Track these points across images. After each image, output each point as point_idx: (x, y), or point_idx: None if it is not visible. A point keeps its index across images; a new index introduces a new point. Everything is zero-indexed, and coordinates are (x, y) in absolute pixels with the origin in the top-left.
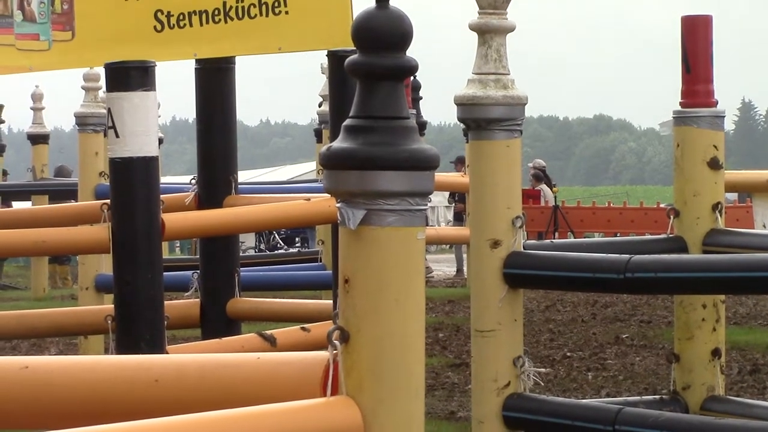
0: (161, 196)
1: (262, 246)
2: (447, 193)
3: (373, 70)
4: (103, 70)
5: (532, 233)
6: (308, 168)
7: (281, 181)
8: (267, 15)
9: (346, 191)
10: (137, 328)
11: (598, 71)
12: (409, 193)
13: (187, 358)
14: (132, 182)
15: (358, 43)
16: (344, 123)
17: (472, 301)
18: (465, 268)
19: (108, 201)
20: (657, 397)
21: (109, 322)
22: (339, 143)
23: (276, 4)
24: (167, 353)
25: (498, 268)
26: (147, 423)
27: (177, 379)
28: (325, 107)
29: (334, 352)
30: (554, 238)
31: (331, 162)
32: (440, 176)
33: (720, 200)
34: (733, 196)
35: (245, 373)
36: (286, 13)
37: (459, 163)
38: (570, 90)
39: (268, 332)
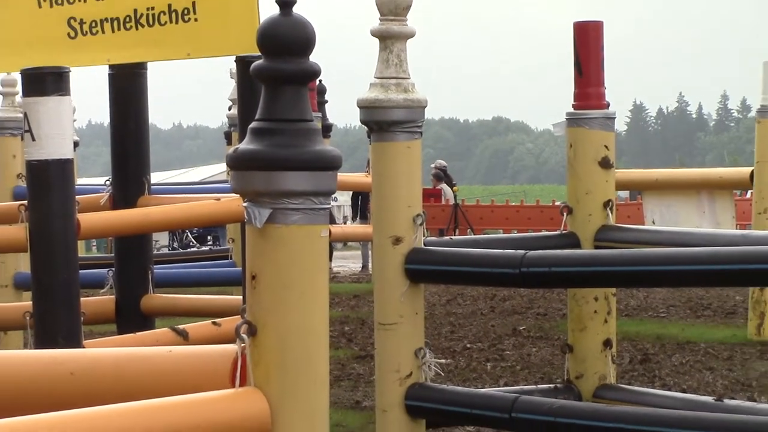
0: (77, 196)
1: (176, 244)
2: (351, 193)
3: (277, 75)
4: (20, 75)
5: (433, 230)
6: (219, 169)
7: (193, 182)
8: (177, 22)
9: (253, 191)
10: (54, 323)
11: (496, 75)
12: (312, 192)
13: (101, 351)
14: (48, 184)
15: (263, 48)
16: (250, 125)
17: (375, 295)
18: (370, 265)
19: (25, 202)
20: (552, 385)
21: (28, 318)
22: (245, 145)
23: (185, 12)
24: (84, 347)
25: (400, 263)
26: (62, 415)
27: (92, 372)
28: (234, 111)
29: (242, 345)
30: (454, 235)
31: (237, 163)
32: (344, 176)
33: (611, 198)
34: (625, 193)
35: (158, 366)
36: (195, 20)
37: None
38: (469, 93)
39: (181, 327)
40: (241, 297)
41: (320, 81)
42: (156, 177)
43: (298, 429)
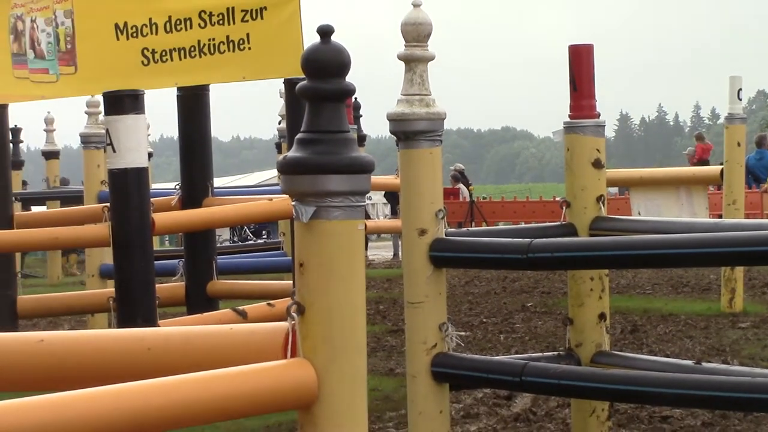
0: (151, 199)
1: (235, 238)
2: (383, 192)
3: (318, 93)
4: (102, 97)
5: (452, 223)
6: (271, 174)
7: (249, 186)
8: (234, 51)
9: (300, 192)
10: (134, 307)
11: (503, 89)
12: (350, 192)
13: (173, 329)
14: (127, 189)
15: (306, 71)
16: (296, 137)
17: (404, 279)
18: (400, 253)
19: (108, 204)
20: (555, 353)
21: (111, 302)
22: (293, 153)
23: (241, 42)
24: (159, 326)
25: (425, 251)
26: (141, 383)
27: (165, 347)
28: (283, 124)
29: (293, 322)
30: (470, 227)
31: (286, 168)
32: (377, 178)
33: (603, 193)
34: (614, 189)
35: (221, 341)
36: (249, 48)
37: None
38: (481, 106)
39: (240, 308)
40: (291, 282)
41: (355, 98)
42: (218, 182)
43: (340, 393)
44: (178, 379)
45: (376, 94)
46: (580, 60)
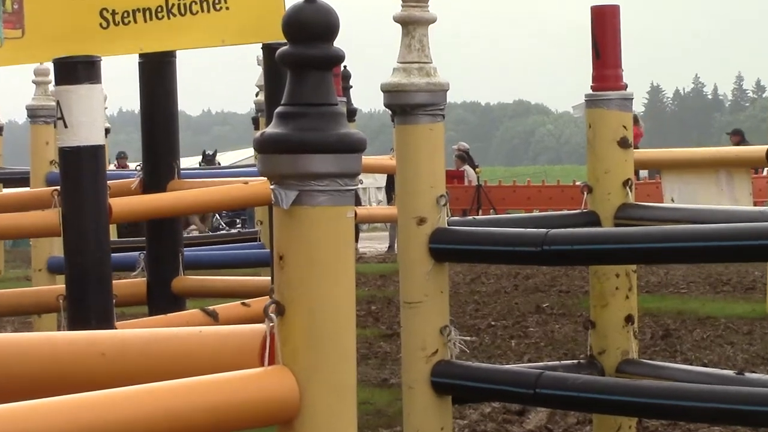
0: (108, 182)
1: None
2: (378, 176)
3: (301, 60)
4: (52, 65)
5: (457, 211)
6: (247, 154)
7: (222, 167)
8: (208, 11)
9: (279, 174)
10: (87, 306)
11: (517, 58)
12: (337, 174)
13: (132, 332)
14: (80, 169)
15: (288, 35)
16: (276, 110)
17: (400, 275)
18: (396, 245)
19: (58, 188)
20: (575, 361)
21: (61, 301)
22: (271, 129)
23: (216, 1)
24: (116, 329)
25: (424, 243)
26: (93, 395)
27: (122, 353)
28: (261, 97)
29: (271, 324)
30: (477, 215)
31: (264, 147)
32: (369, 159)
33: (630, 177)
34: (644, 173)
35: (188, 346)
36: (227, 8)
37: None
38: (490, 76)
39: (211, 308)
40: (269, 278)
41: (345, 67)
42: (185, 162)
43: (326, 406)
44: (136, 390)
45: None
46: (604, 23)
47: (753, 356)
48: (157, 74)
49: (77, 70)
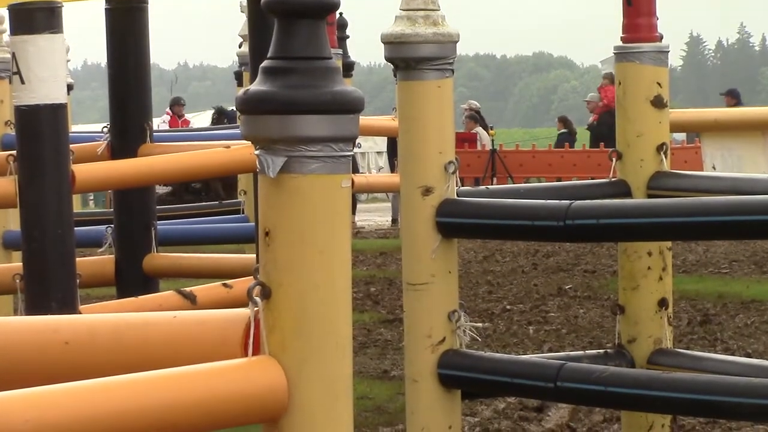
0: (71, 145)
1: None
2: (378, 139)
3: (291, 7)
4: (6, 11)
5: (468, 179)
6: None
7: (200, 128)
8: None
9: (266, 137)
10: (48, 287)
11: (536, 5)
12: (332, 138)
13: (99, 318)
14: (39, 131)
15: None
16: (262, 65)
17: (403, 253)
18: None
19: (14, 152)
20: (601, 351)
21: (18, 281)
22: (256, 86)
23: None
24: (80, 313)
25: (430, 216)
26: (56, 388)
27: (89, 341)
28: (245, 48)
29: (255, 309)
30: (492, 184)
31: (248, 106)
32: (368, 120)
33: (665, 141)
34: (681, 136)
35: (161, 334)
36: None
37: None
38: (507, 26)
39: (188, 289)
40: (253, 256)
41: (341, 14)
42: (158, 123)
43: (317, 401)
44: (103, 383)
45: (368, 8)
46: None
47: None
48: (127, 22)
49: (35, 18)
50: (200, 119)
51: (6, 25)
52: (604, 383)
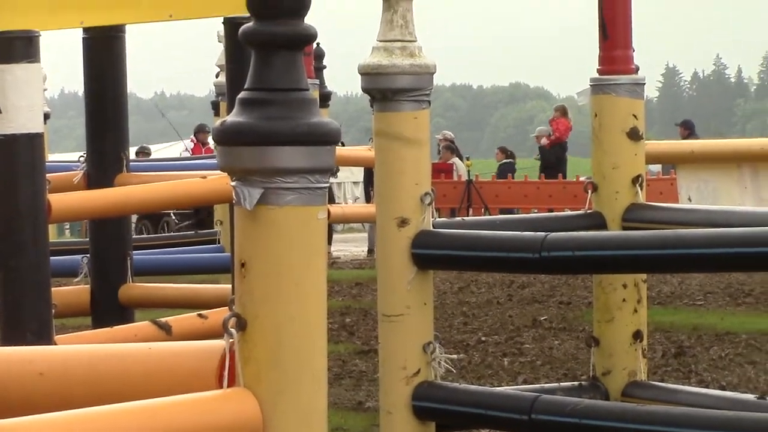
0: (47, 175)
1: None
2: (355, 169)
3: (269, 39)
4: None
5: (444, 210)
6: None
7: (177, 158)
8: None
9: (242, 168)
10: (22, 317)
11: (513, 36)
12: (308, 169)
13: (74, 349)
14: (16, 161)
15: (253, 9)
16: (239, 96)
17: (379, 284)
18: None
19: None
20: (576, 383)
21: None
22: (233, 117)
23: None
24: (55, 344)
25: (406, 248)
26: (31, 419)
27: (63, 373)
28: (222, 78)
29: (231, 340)
30: (467, 215)
31: (225, 137)
32: (344, 150)
33: (640, 173)
34: (657, 167)
35: (137, 365)
36: None
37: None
38: (484, 57)
39: (163, 320)
40: (229, 286)
41: (318, 44)
42: (182, 150)
43: None
44: (78, 414)
45: (345, 39)
46: None
47: None
48: (104, 51)
49: (13, 47)
50: (176, 149)
51: None
52: (579, 415)
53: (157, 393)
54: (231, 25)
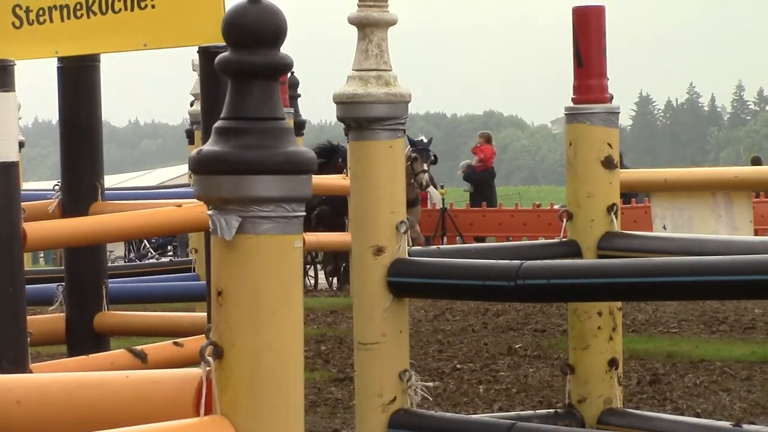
0: (22, 203)
1: (132, 255)
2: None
3: (244, 68)
4: None
5: None
6: (180, 171)
7: (151, 186)
8: (132, 9)
9: (218, 197)
10: None
11: (488, 65)
12: (285, 198)
13: (51, 377)
14: None
15: (229, 39)
16: (215, 125)
17: (354, 312)
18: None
19: None
20: (551, 410)
21: None
22: (209, 146)
23: None
24: (31, 372)
25: (381, 276)
26: None
27: (41, 401)
28: (197, 107)
29: (207, 368)
30: (442, 243)
31: (201, 166)
32: (320, 178)
33: (615, 201)
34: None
35: (113, 393)
36: (153, 7)
37: None
38: (458, 85)
39: (139, 348)
40: (205, 314)
41: (292, 73)
42: (110, 180)
43: None
44: None
45: (320, 68)
46: (588, 26)
47: (752, 405)
48: (79, 80)
49: None
50: (150, 177)
51: None
52: None
53: (134, 420)
54: (206, 54)
